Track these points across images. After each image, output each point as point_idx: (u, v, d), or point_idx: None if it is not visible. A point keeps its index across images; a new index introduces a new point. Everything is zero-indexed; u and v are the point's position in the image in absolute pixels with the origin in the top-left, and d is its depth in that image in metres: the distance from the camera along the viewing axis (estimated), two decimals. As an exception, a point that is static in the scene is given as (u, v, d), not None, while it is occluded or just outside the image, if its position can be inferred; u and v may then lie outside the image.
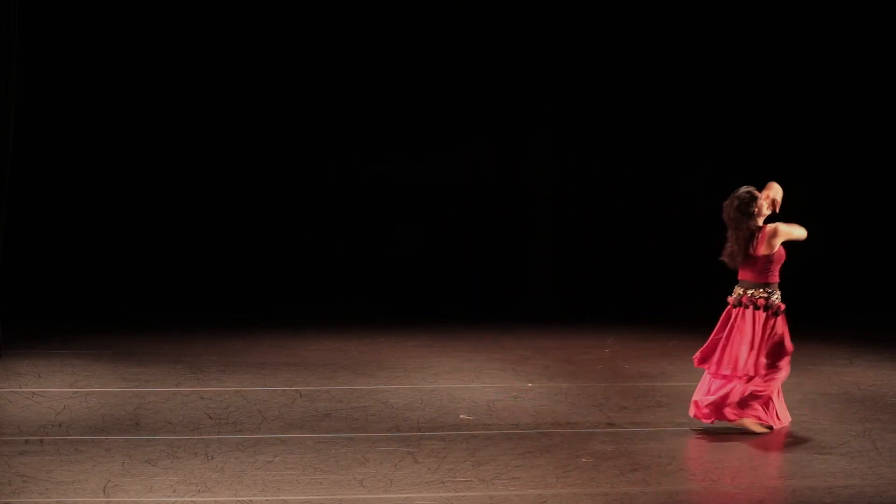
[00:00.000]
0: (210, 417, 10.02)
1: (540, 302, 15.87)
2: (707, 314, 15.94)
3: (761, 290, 9.93)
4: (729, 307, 10.07)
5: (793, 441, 9.48)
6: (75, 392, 10.90)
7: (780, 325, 9.95)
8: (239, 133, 15.53)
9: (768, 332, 9.89)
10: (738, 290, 10.00)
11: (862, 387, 11.62)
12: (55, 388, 11.04)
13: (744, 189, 9.93)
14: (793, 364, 12.70)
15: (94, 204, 15.30)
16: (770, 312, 9.90)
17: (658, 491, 8.23)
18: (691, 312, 15.84)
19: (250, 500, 7.83)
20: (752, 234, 9.84)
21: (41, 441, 9.17)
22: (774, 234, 9.85)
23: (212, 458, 8.73)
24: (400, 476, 8.38)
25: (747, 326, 9.86)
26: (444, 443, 9.29)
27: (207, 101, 15.42)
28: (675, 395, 11.15)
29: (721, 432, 9.97)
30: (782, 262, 9.97)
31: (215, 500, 7.81)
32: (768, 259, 9.88)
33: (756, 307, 9.90)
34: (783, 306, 9.96)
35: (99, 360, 12.42)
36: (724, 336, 10.00)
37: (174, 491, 7.96)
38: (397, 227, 15.89)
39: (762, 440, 9.55)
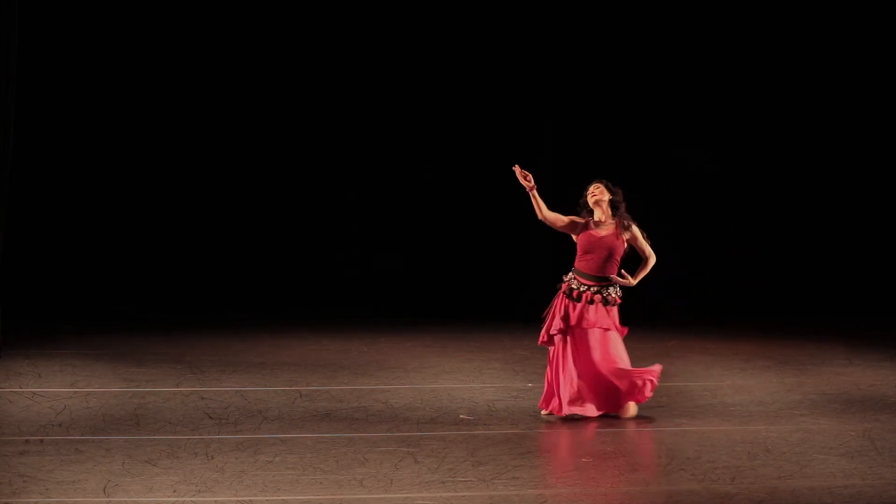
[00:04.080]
0: (210, 417, 10.02)
1: (540, 302, 15.83)
2: (706, 314, 15.99)
3: None
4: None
5: (793, 441, 9.48)
6: (75, 392, 10.90)
7: None
8: (240, 134, 15.54)
9: None
10: None
11: (862, 387, 11.61)
12: (55, 388, 11.04)
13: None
14: (793, 364, 12.76)
15: (95, 204, 15.30)
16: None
17: (658, 491, 8.23)
18: (690, 312, 15.89)
19: (250, 500, 7.82)
20: None
21: (41, 441, 9.16)
22: None
23: (212, 458, 8.73)
24: (400, 476, 8.38)
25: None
26: (444, 443, 9.29)
27: (207, 103, 15.43)
28: (675, 395, 11.14)
29: (720, 432, 9.97)
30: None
31: (215, 500, 7.80)
32: None
33: None
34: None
35: (99, 360, 12.42)
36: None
37: (174, 491, 7.96)
38: (398, 228, 15.89)
39: (763, 440, 9.54)
